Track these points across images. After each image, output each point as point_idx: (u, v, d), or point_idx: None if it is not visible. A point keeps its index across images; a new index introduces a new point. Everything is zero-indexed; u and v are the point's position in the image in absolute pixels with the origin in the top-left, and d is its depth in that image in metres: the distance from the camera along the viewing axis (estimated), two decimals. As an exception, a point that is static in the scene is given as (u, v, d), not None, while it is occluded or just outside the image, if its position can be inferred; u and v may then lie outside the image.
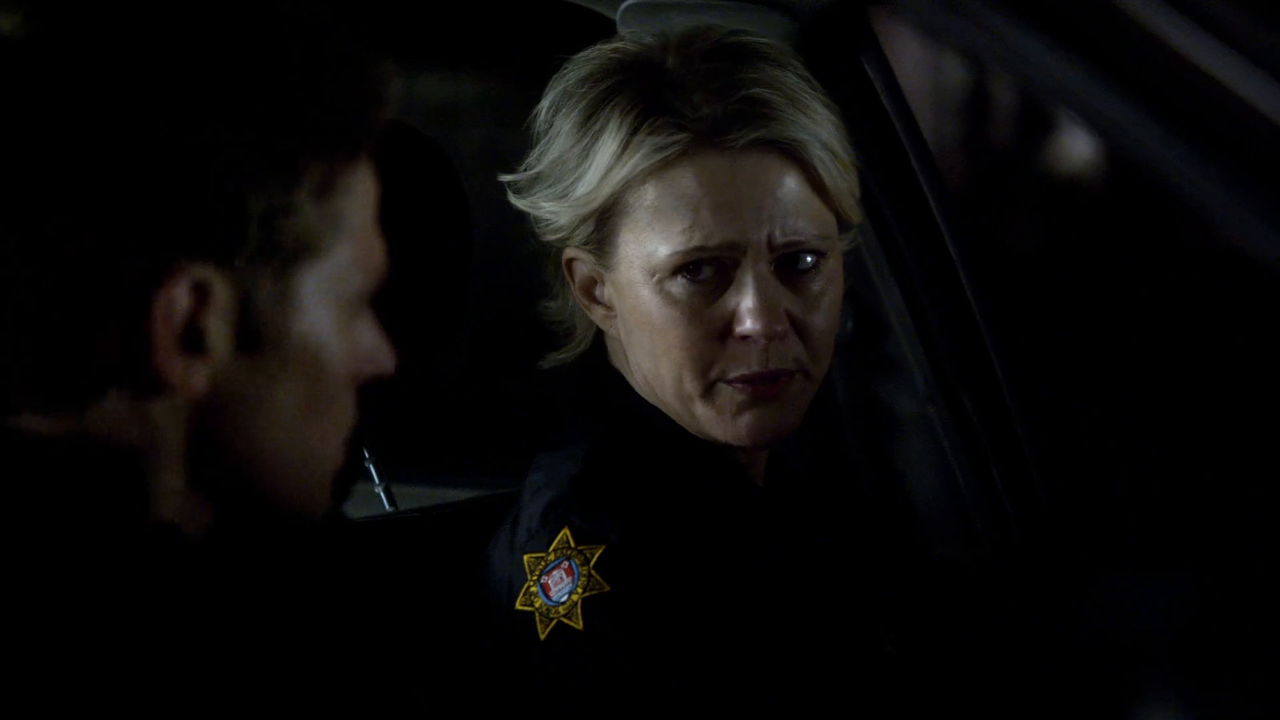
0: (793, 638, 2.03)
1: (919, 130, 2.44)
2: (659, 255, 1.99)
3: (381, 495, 2.42)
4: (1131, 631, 2.39)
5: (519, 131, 2.09)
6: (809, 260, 2.02)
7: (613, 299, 2.05)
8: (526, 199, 2.06)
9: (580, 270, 2.06)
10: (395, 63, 1.41)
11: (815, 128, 2.01)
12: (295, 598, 1.47)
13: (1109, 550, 2.50)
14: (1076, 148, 4.98)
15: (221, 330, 1.34)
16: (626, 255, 2.02)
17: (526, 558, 1.99)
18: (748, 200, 1.99)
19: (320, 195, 1.37)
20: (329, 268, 1.38)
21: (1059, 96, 1.84)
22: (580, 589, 1.95)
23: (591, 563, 1.95)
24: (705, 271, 2.00)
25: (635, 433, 2.06)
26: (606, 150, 1.99)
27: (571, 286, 2.08)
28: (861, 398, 2.53)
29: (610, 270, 2.04)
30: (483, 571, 2.04)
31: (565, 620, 1.95)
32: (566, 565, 1.96)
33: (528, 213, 2.07)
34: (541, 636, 1.95)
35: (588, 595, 1.94)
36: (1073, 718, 2.40)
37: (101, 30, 1.32)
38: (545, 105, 2.06)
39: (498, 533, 2.07)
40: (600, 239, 2.03)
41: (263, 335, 1.36)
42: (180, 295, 1.32)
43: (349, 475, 1.47)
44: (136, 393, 1.34)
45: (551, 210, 2.04)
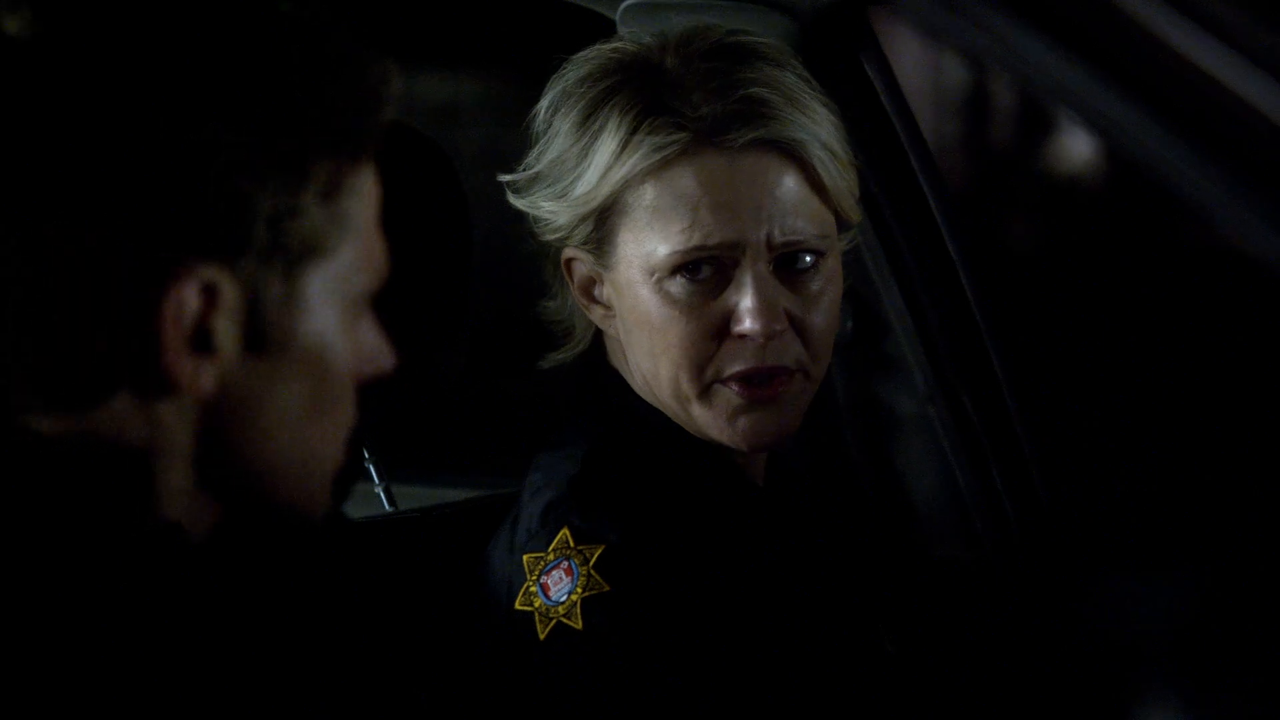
0: (792, 638, 2.03)
1: (919, 130, 2.44)
2: (658, 255, 1.99)
3: (381, 495, 2.42)
4: (1131, 631, 2.39)
5: (519, 131, 2.09)
6: (808, 260, 2.02)
7: (612, 298, 2.05)
8: (526, 198, 2.06)
9: (579, 270, 2.06)
10: (395, 63, 1.41)
11: (814, 127, 2.01)
12: (296, 598, 1.47)
13: (1109, 550, 2.50)
14: (1076, 148, 4.98)
15: (230, 331, 1.35)
16: (625, 255, 2.02)
17: (526, 558, 1.99)
18: (747, 200, 1.99)
19: (327, 197, 1.37)
20: (335, 268, 1.39)
21: (1059, 96, 1.84)
22: (579, 589, 1.95)
23: (591, 563, 1.95)
24: (704, 271, 2.00)
25: (634, 432, 2.06)
26: (606, 150, 1.99)
27: (570, 286, 2.08)
28: (861, 398, 2.53)
29: (609, 270, 2.03)
30: (482, 571, 2.04)
31: (564, 620, 1.94)
32: (566, 565, 1.96)
33: (527, 212, 2.07)
34: (541, 636, 1.95)
35: (587, 595, 1.94)
36: (1073, 718, 2.40)
37: (102, 30, 1.32)
38: (544, 105, 2.06)
39: (497, 533, 2.07)
40: (599, 238, 2.03)
41: (270, 336, 1.36)
42: (190, 296, 1.33)
43: (349, 475, 1.47)
44: (144, 393, 1.34)
45: (551, 210, 2.04)
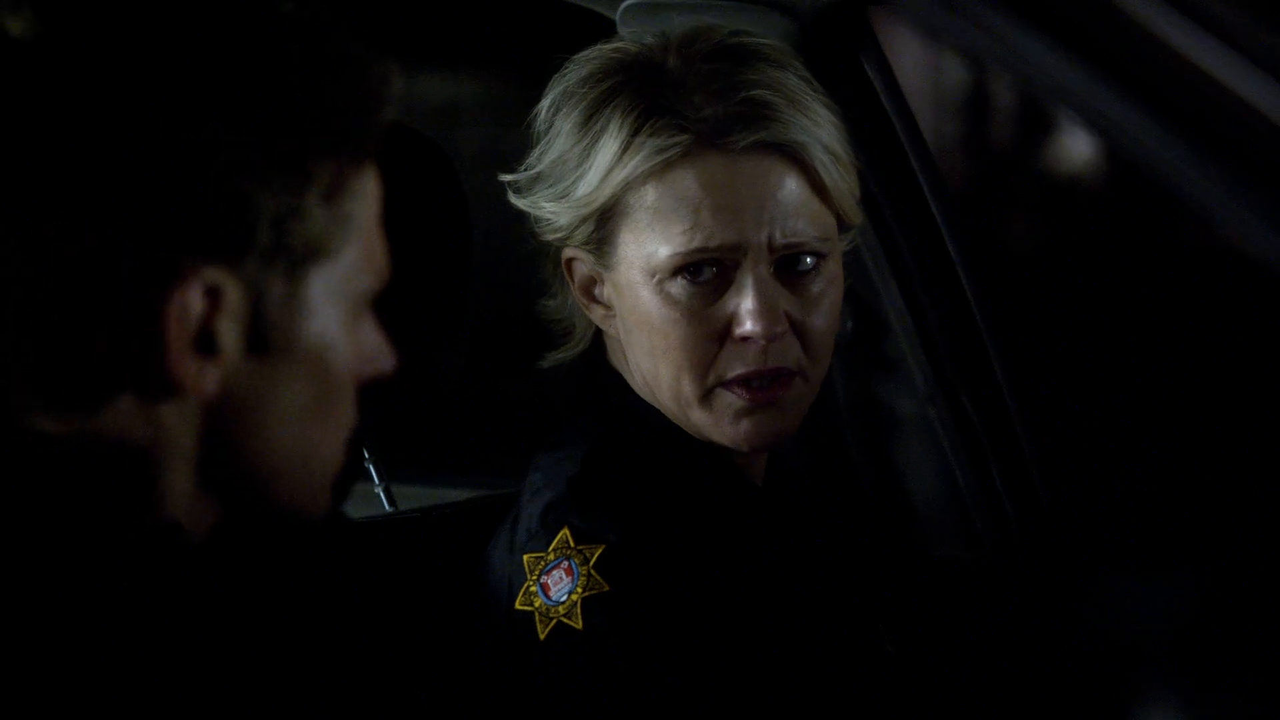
0: (792, 638, 2.03)
1: (919, 130, 2.44)
2: (659, 256, 1.99)
3: (381, 495, 2.42)
4: (1131, 631, 2.39)
5: (519, 131, 2.09)
6: (809, 262, 2.02)
7: (612, 299, 2.05)
8: (526, 199, 2.06)
9: (580, 270, 2.06)
10: (396, 63, 1.41)
11: (816, 129, 2.01)
12: (296, 598, 1.47)
13: (1109, 550, 2.50)
14: (1076, 148, 4.98)
15: (233, 333, 1.35)
16: (626, 256, 2.02)
17: (526, 558, 1.99)
18: (748, 202, 1.99)
19: (329, 198, 1.37)
20: (337, 269, 1.39)
21: (1059, 96, 1.84)
22: (580, 589, 1.95)
23: (591, 562, 1.95)
24: (705, 273, 2.00)
25: (634, 432, 2.06)
26: (607, 151, 1.99)
27: (571, 286, 2.08)
28: (861, 398, 2.53)
29: (610, 270, 2.04)
30: (482, 571, 2.05)
31: (565, 620, 1.95)
32: (566, 565, 1.96)
33: (527, 212, 2.07)
34: (541, 636, 1.95)
35: (587, 595, 1.94)
36: (1073, 718, 2.40)
37: (103, 31, 1.32)
38: (546, 105, 2.06)
39: (497, 533, 2.07)
40: (600, 239, 2.03)
41: (272, 337, 1.36)
42: (194, 298, 1.33)
43: (349, 475, 1.47)
44: (147, 394, 1.34)
45: (552, 210, 2.04)
